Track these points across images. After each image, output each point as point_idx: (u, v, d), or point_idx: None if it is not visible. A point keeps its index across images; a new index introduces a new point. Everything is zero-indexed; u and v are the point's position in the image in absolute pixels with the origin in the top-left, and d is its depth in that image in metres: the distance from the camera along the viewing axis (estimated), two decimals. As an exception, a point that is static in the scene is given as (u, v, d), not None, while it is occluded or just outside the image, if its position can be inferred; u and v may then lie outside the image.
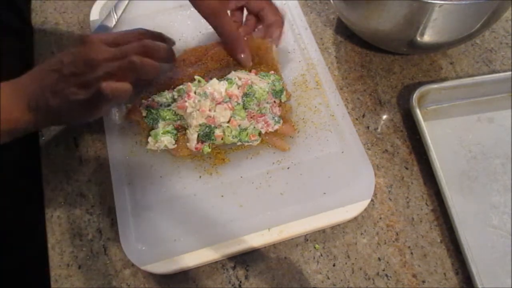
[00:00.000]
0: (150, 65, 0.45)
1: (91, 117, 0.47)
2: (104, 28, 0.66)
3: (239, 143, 0.55)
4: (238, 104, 0.53)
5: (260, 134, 0.55)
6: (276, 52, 0.59)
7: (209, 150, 0.55)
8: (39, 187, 0.57)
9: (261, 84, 0.54)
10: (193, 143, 0.53)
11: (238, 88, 0.53)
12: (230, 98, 0.52)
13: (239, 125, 0.53)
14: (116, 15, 0.67)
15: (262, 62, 0.58)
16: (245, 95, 0.53)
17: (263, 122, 0.54)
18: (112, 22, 0.67)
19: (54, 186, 0.57)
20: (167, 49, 0.51)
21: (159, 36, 0.54)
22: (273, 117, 0.55)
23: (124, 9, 0.68)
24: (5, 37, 0.65)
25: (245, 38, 0.57)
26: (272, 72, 0.57)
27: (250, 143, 0.55)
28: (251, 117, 0.54)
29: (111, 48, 0.46)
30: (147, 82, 0.56)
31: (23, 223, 0.64)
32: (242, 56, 0.56)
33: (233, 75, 0.55)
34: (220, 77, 0.55)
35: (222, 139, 0.54)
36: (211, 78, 0.54)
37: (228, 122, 0.53)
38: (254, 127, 0.54)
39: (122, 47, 0.46)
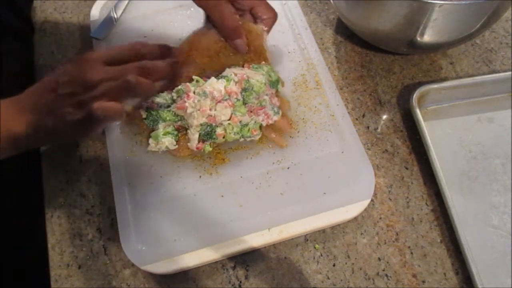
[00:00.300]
0: (145, 85, 0.45)
1: (87, 135, 0.47)
2: (104, 28, 0.66)
3: (241, 139, 0.55)
4: (238, 100, 0.53)
5: (261, 127, 0.55)
6: (266, 40, 0.58)
7: (210, 149, 0.55)
8: (39, 187, 0.57)
9: (257, 77, 0.54)
10: (194, 143, 0.53)
11: (235, 84, 0.53)
12: (229, 95, 0.53)
13: (240, 121, 0.53)
14: (116, 15, 0.67)
15: (251, 48, 0.57)
16: (244, 90, 0.53)
17: (263, 115, 0.54)
18: (112, 22, 0.67)
19: (54, 186, 0.57)
20: (167, 66, 0.49)
21: (163, 48, 0.52)
22: (273, 108, 0.55)
23: (124, 9, 0.68)
24: (5, 37, 0.65)
25: (240, 23, 0.56)
26: (263, 62, 0.57)
27: (252, 138, 0.55)
28: (251, 111, 0.54)
29: (107, 67, 0.45)
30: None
31: (23, 223, 0.64)
32: (239, 41, 0.55)
33: (227, 72, 0.55)
34: (215, 76, 0.55)
35: (223, 137, 0.54)
36: (208, 77, 0.54)
37: (229, 119, 0.53)
38: (255, 122, 0.54)
39: (118, 67, 0.45)
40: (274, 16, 0.57)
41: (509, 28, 0.70)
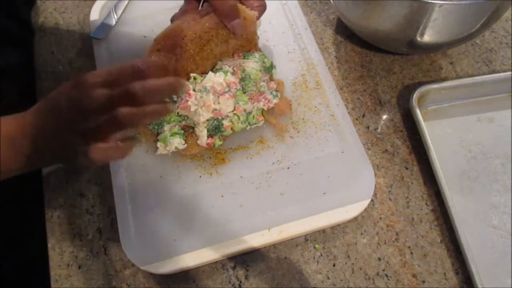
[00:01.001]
0: (137, 119, 0.42)
1: (92, 163, 0.45)
2: (104, 28, 0.66)
3: (248, 128, 0.56)
4: (238, 90, 0.54)
5: (262, 112, 0.56)
6: (257, 27, 0.57)
7: (220, 142, 0.55)
8: (39, 187, 0.57)
9: (252, 64, 0.55)
10: (203, 139, 0.54)
11: (232, 75, 0.54)
12: (229, 87, 0.53)
13: (244, 110, 0.54)
14: (116, 15, 0.67)
15: (243, 35, 0.56)
16: (242, 79, 0.54)
17: (263, 100, 0.56)
18: (112, 22, 0.67)
19: (54, 186, 0.57)
20: (169, 84, 0.43)
21: (162, 66, 0.47)
22: (271, 92, 0.56)
23: (124, 9, 0.68)
24: (5, 37, 0.65)
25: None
26: (253, 50, 0.57)
27: (257, 124, 0.56)
28: (252, 99, 0.55)
29: (102, 92, 0.41)
30: None
31: (23, 223, 0.64)
32: (236, 22, 0.52)
33: (220, 65, 0.55)
34: (207, 70, 0.55)
35: (231, 128, 0.55)
36: (203, 73, 0.54)
37: (233, 110, 0.54)
38: (257, 108, 0.55)
39: (114, 93, 0.41)
40: (264, 4, 0.56)
41: (509, 28, 0.70)
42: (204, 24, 0.53)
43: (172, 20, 0.54)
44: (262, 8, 0.56)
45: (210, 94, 0.52)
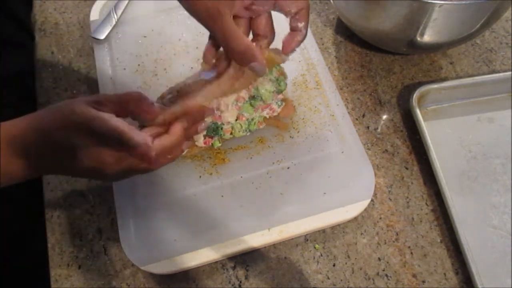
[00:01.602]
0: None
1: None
2: (104, 28, 0.66)
3: (248, 134, 0.55)
4: (245, 103, 0.53)
5: (264, 119, 0.56)
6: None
7: (220, 144, 0.55)
8: (39, 187, 0.57)
9: (266, 85, 0.52)
10: (200, 140, 0.53)
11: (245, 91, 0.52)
12: (236, 101, 0.52)
13: (247, 119, 0.54)
14: (116, 15, 0.67)
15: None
16: (252, 97, 0.53)
17: (268, 109, 0.55)
18: (112, 22, 0.67)
19: (54, 186, 0.57)
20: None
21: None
22: (276, 102, 0.56)
23: (124, 9, 0.68)
24: (4, 39, 0.65)
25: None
26: None
27: (258, 129, 0.56)
28: (257, 109, 0.54)
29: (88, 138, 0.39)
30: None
31: (23, 223, 0.64)
32: (254, 65, 0.45)
33: None
34: None
35: (231, 133, 0.54)
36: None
37: (236, 119, 0.53)
38: (260, 116, 0.55)
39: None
40: (306, 6, 0.45)
41: (509, 28, 0.70)
42: (240, 90, 0.50)
43: (204, 57, 0.48)
44: (304, 12, 0.46)
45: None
